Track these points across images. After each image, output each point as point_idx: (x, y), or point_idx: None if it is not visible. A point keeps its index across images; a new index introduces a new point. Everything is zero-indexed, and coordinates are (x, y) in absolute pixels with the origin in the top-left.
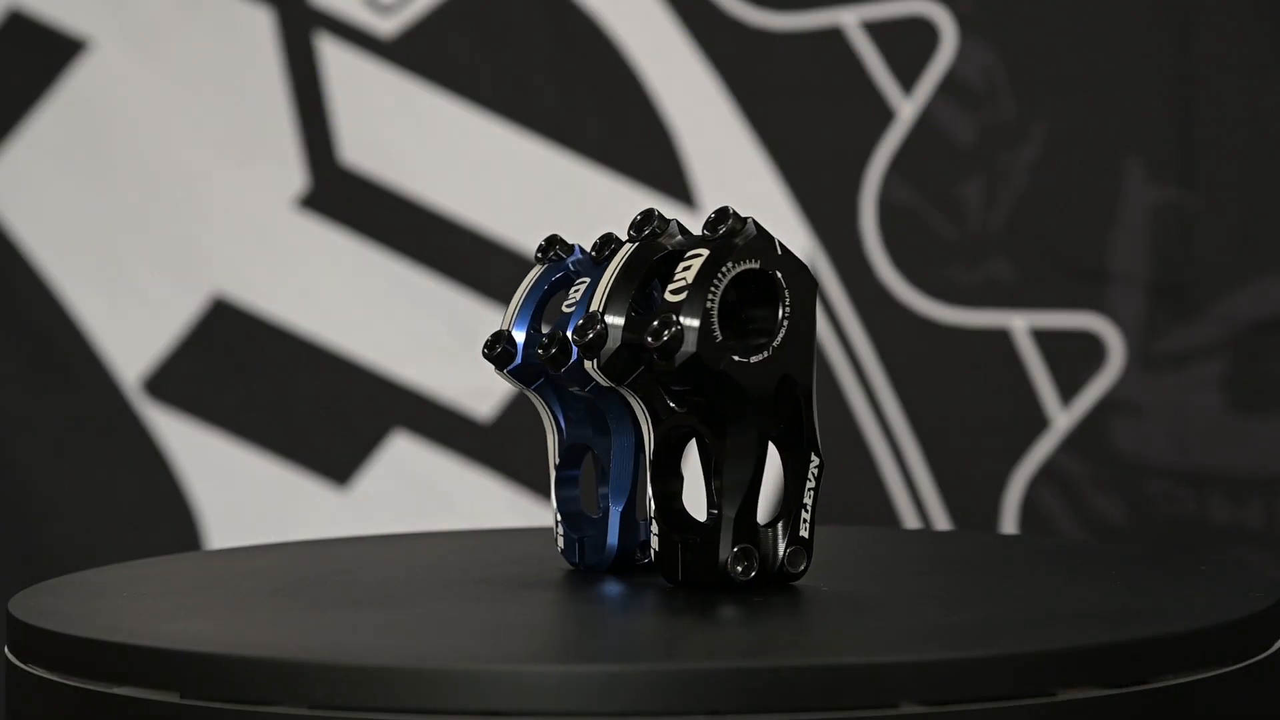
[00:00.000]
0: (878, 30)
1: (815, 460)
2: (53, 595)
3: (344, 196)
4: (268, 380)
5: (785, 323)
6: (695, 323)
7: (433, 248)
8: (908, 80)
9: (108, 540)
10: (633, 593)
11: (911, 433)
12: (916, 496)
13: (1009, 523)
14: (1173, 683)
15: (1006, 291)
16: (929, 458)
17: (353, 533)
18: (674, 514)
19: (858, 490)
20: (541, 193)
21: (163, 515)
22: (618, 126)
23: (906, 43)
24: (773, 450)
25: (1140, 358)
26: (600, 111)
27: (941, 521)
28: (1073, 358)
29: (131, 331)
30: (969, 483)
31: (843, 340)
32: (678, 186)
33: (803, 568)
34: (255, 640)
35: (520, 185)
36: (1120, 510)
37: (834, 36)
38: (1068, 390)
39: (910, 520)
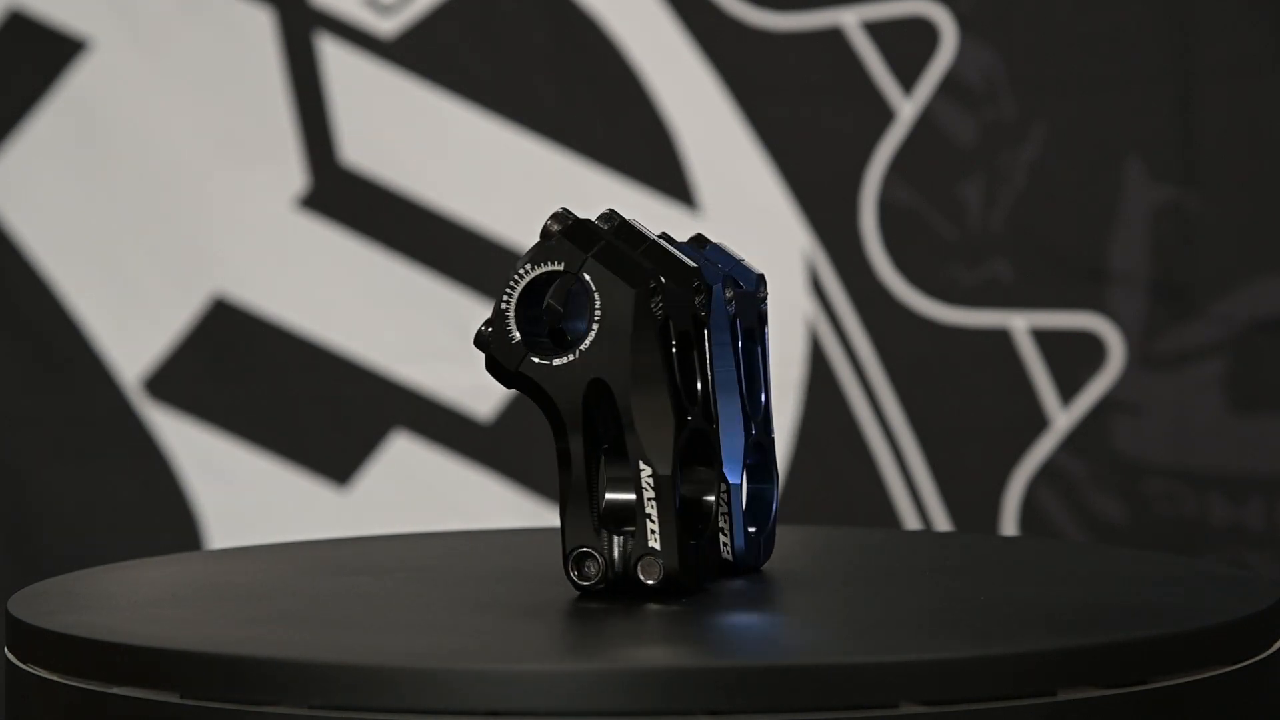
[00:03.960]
0: (878, 30)
1: (646, 469)
2: (53, 595)
3: (344, 196)
4: (268, 380)
5: (595, 326)
6: (492, 324)
7: (433, 248)
8: (908, 80)
9: (108, 540)
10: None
11: (911, 433)
12: (916, 496)
13: (1009, 523)
14: (1173, 683)
15: (1006, 291)
16: (929, 458)
17: (353, 533)
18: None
19: (858, 490)
20: (541, 193)
21: (163, 515)
22: (618, 126)
23: (906, 43)
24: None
25: (1140, 358)
26: (600, 111)
27: (941, 522)
28: (1073, 358)
29: (131, 331)
30: (969, 483)
31: (843, 340)
32: (677, 186)
33: (656, 580)
34: (255, 640)
35: (520, 185)
36: (1120, 510)
37: (834, 36)
38: (1068, 390)
39: (910, 520)
